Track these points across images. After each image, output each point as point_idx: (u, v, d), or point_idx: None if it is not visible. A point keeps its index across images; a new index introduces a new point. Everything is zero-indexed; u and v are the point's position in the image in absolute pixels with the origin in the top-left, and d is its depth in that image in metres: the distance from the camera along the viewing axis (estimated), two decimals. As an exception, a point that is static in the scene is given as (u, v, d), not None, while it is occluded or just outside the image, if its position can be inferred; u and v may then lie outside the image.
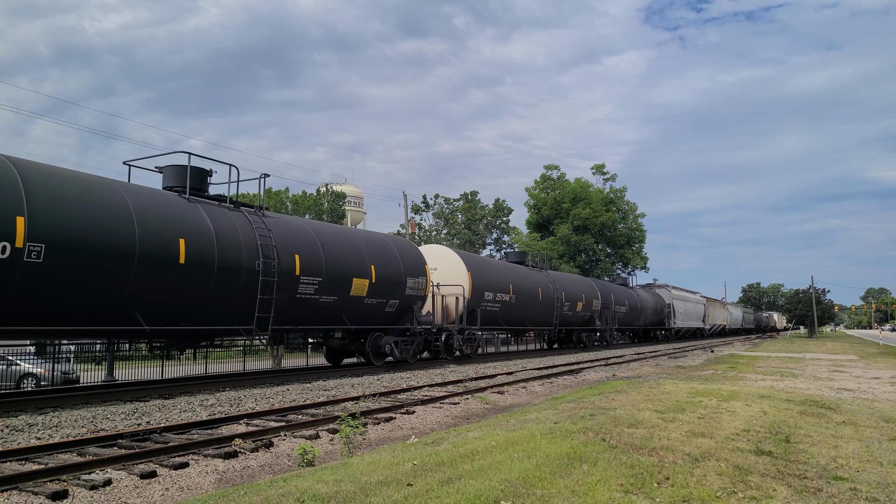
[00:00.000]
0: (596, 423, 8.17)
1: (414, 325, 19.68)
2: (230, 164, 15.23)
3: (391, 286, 18.69)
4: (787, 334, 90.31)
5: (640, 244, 68.29)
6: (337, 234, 18.06)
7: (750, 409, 10.35)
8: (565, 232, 60.87)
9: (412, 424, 10.05)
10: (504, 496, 5.04)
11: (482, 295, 23.75)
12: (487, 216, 62.11)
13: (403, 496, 5.01)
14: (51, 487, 5.87)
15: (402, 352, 19.61)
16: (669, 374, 18.51)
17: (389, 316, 19.12)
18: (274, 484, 5.46)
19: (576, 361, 22.98)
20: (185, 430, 8.66)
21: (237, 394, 12.59)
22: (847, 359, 27.08)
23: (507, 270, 27.21)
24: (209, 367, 21.24)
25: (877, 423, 9.54)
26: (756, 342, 53.41)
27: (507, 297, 25.62)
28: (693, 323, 55.40)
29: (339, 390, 13.39)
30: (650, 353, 30.36)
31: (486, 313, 24.12)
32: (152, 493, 6.04)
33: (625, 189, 68.42)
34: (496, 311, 24.91)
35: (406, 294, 19.32)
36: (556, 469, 5.87)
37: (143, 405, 10.94)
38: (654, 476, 5.85)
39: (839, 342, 52.13)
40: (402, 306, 19.34)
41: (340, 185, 58.23)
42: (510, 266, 28.67)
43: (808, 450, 7.55)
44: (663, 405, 10.34)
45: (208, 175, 15.07)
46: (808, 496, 5.67)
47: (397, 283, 18.96)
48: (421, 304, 20.20)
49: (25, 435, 8.33)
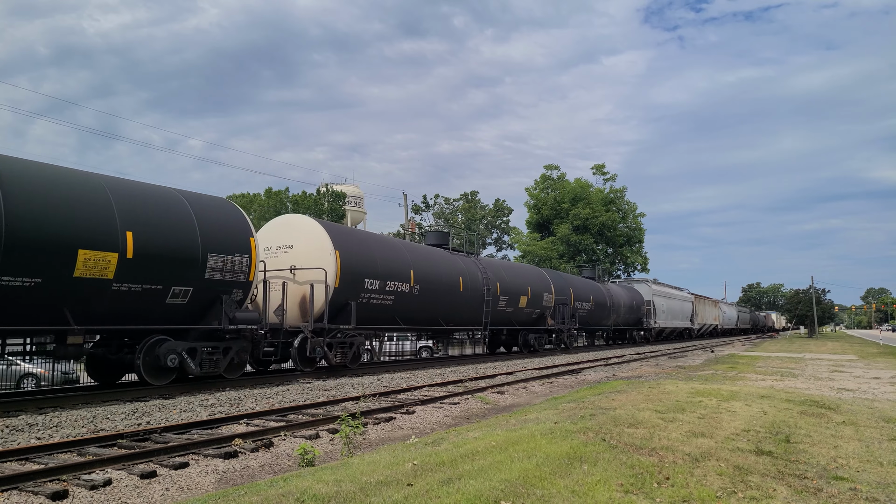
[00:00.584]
0: (596, 423, 8.17)
1: (224, 324, 13.51)
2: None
3: (173, 265, 12.56)
4: (787, 334, 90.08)
5: (640, 244, 68.32)
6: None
7: (750, 409, 10.35)
8: (565, 232, 60.89)
9: (412, 424, 10.05)
10: (504, 496, 5.04)
11: (361, 283, 17.48)
12: (487, 216, 62.13)
13: (403, 496, 5.02)
14: (51, 487, 5.87)
15: (203, 364, 13.44)
16: (669, 374, 18.51)
17: (179, 310, 13.05)
18: (274, 484, 5.46)
19: (576, 361, 22.96)
20: (185, 430, 8.66)
21: (237, 394, 12.59)
22: (847, 359, 27.08)
23: (409, 252, 20.55)
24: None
25: (877, 423, 9.54)
26: (756, 342, 53.40)
27: (404, 286, 19.17)
28: (678, 322, 50.41)
29: (339, 390, 13.40)
30: (650, 353, 30.35)
31: (369, 308, 17.94)
32: (152, 493, 6.04)
33: (625, 189, 68.52)
34: (388, 306, 18.81)
35: (207, 278, 13.21)
36: (556, 469, 5.87)
37: (143, 405, 10.94)
38: (654, 476, 5.85)
39: (839, 342, 52.13)
40: (199, 296, 13.21)
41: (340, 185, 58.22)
42: (413, 247, 22.11)
43: (808, 450, 7.55)
44: (663, 405, 10.35)
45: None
46: (808, 496, 5.67)
47: (186, 262, 12.81)
48: (240, 293, 14.09)
49: (25, 435, 8.33)
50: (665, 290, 48.66)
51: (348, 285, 17.06)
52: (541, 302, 27.87)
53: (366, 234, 21.03)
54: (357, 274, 17.41)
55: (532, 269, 30.44)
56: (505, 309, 25.33)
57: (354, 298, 17.34)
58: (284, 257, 16.98)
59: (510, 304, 25.53)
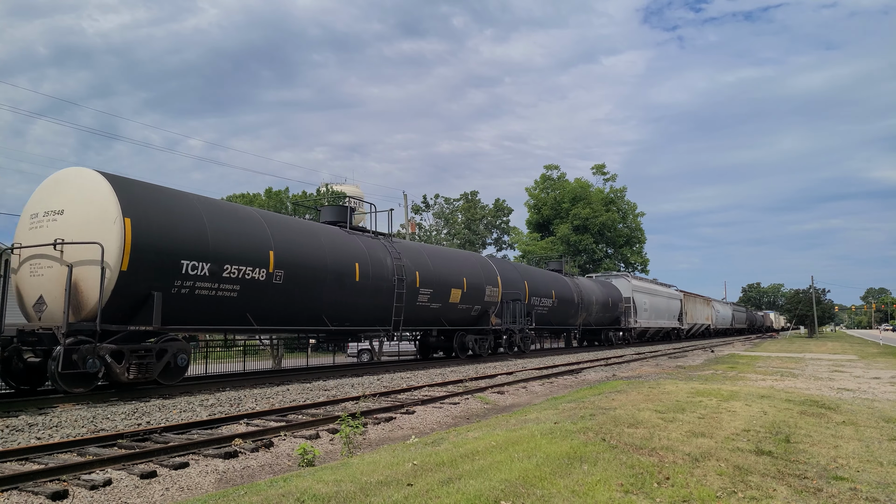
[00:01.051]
0: (596, 423, 8.17)
1: None
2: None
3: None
4: (787, 334, 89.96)
5: (641, 244, 68.34)
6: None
7: (750, 409, 10.35)
8: (565, 232, 60.92)
9: (412, 424, 10.05)
10: (504, 496, 5.04)
11: (175, 266, 12.48)
12: (487, 216, 62.13)
13: (403, 496, 5.01)
14: (51, 487, 5.87)
15: None
16: (669, 374, 18.51)
17: None
18: (274, 484, 5.46)
19: (576, 361, 22.96)
20: (185, 430, 8.66)
21: (237, 394, 12.59)
22: (847, 359, 27.07)
23: (270, 227, 15.17)
24: (209, 368, 21.23)
25: (877, 423, 9.54)
26: (756, 342, 53.36)
27: (259, 273, 14.20)
28: (664, 322, 46.27)
29: (339, 390, 13.39)
30: (650, 352, 30.34)
31: (195, 301, 13.08)
32: (152, 493, 6.04)
33: (625, 189, 68.60)
34: (232, 299, 13.80)
35: None
36: (556, 469, 5.87)
37: (143, 405, 10.94)
38: (654, 476, 5.85)
39: (839, 342, 52.13)
40: None
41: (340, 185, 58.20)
42: (280, 221, 16.12)
43: (808, 450, 7.55)
44: (663, 405, 10.34)
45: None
46: (809, 496, 5.67)
47: None
48: None
49: (25, 435, 8.33)
50: (648, 287, 44.69)
51: (149, 269, 12.08)
52: (482, 296, 23.23)
53: (188, 197, 13.94)
54: (166, 253, 12.36)
55: (471, 257, 24.94)
56: (429, 305, 20.35)
57: (163, 288, 12.36)
58: (52, 227, 12.10)
59: (436, 299, 20.63)
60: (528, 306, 27.01)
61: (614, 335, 39.07)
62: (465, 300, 22.42)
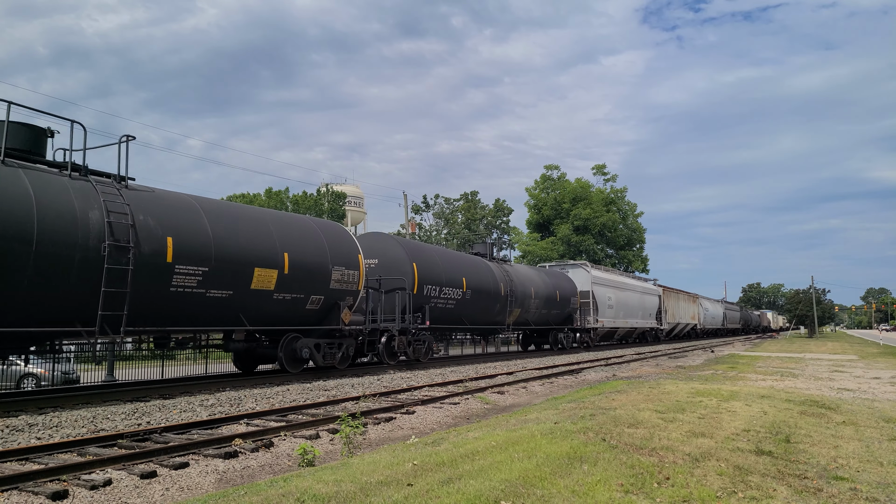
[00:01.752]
0: (596, 423, 8.17)
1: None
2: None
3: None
4: (788, 334, 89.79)
5: (641, 244, 68.33)
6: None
7: (750, 409, 10.35)
8: (566, 232, 60.90)
9: (412, 424, 10.05)
10: (504, 496, 5.04)
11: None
12: (487, 216, 62.15)
13: (404, 496, 5.01)
14: (51, 487, 5.87)
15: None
16: (669, 374, 18.51)
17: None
18: (274, 484, 5.46)
19: (576, 361, 22.97)
20: (185, 430, 8.66)
21: (237, 394, 12.59)
22: (847, 359, 27.08)
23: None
24: (209, 368, 21.23)
25: (877, 423, 9.54)
26: (756, 342, 53.35)
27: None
28: (637, 321, 39.79)
29: (339, 390, 13.39)
30: (650, 353, 30.35)
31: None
32: (152, 493, 6.04)
33: (625, 189, 68.55)
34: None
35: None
36: (556, 469, 5.87)
37: (143, 405, 10.94)
38: (654, 476, 5.85)
39: (839, 342, 52.13)
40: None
41: (340, 185, 58.28)
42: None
43: (808, 450, 7.55)
44: (663, 405, 10.34)
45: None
46: (809, 496, 5.67)
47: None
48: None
49: (25, 435, 8.33)
50: (614, 279, 37.90)
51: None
52: (325, 284, 16.11)
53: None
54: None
55: (306, 223, 17.14)
56: (205, 294, 13.11)
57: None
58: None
59: (223, 285, 13.46)
60: (420, 297, 20.30)
61: (564, 337, 31.15)
62: (283, 288, 14.94)
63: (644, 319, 41.41)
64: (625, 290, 38.48)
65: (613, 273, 40.90)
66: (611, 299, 35.52)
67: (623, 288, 38.25)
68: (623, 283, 39.01)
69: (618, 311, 36.72)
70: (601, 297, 34.18)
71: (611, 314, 35.57)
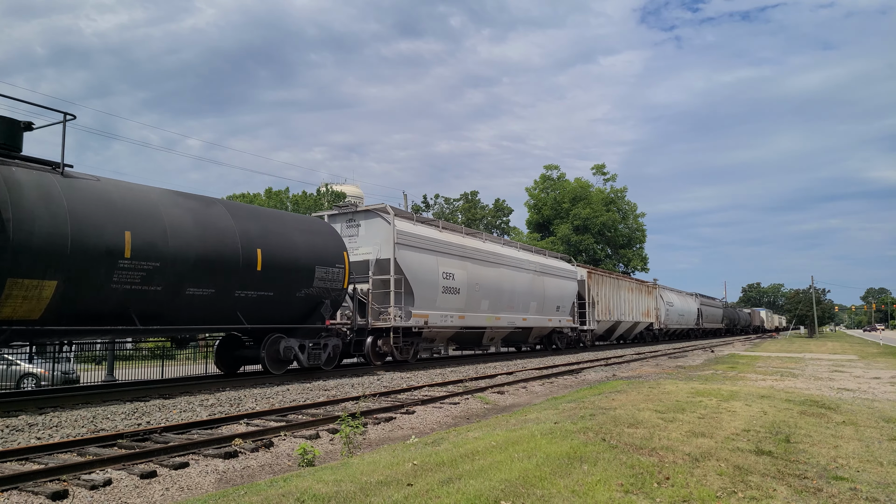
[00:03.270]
0: (596, 423, 8.17)
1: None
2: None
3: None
4: (787, 334, 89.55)
5: (641, 244, 68.35)
6: None
7: (750, 409, 10.35)
8: (565, 232, 60.94)
9: (412, 424, 10.05)
10: (504, 496, 5.04)
11: None
12: (487, 216, 62.16)
13: (403, 496, 5.01)
14: (51, 487, 5.87)
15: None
16: (669, 374, 18.51)
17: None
18: (274, 484, 5.46)
19: (576, 361, 22.97)
20: (185, 430, 8.66)
21: (237, 394, 12.59)
22: (847, 359, 27.08)
23: None
24: (209, 368, 21.24)
25: (877, 423, 9.54)
26: (756, 342, 53.32)
27: None
28: (534, 316, 26.67)
29: (339, 390, 13.39)
30: (650, 352, 30.36)
31: None
32: (152, 493, 6.04)
33: (625, 189, 68.60)
34: None
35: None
36: (556, 469, 5.87)
37: (143, 405, 10.94)
38: (654, 476, 5.85)
39: (839, 342, 52.13)
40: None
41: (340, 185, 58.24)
42: None
43: (808, 450, 7.55)
44: (663, 405, 10.34)
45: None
46: (809, 496, 5.67)
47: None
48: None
49: (25, 435, 8.33)
50: (455, 242, 21.95)
51: None
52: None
53: None
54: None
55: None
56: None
57: None
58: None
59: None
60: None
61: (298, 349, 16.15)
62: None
63: (541, 314, 27.29)
64: (492, 265, 23.65)
65: (457, 234, 23.00)
66: (451, 278, 20.81)
67: (480, 260, 22.99)
68: (481, 253, 23.27)
69: (484, 301, 22.69)
70: (422, 277, 19.69)
71: (457, 305, 21.17)
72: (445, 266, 20.91)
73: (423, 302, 19.65)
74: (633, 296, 39.78)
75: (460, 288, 21.49)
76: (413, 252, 19.37)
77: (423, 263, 19.89)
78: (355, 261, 18.79)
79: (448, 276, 20.95)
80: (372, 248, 19.18)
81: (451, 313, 21.04)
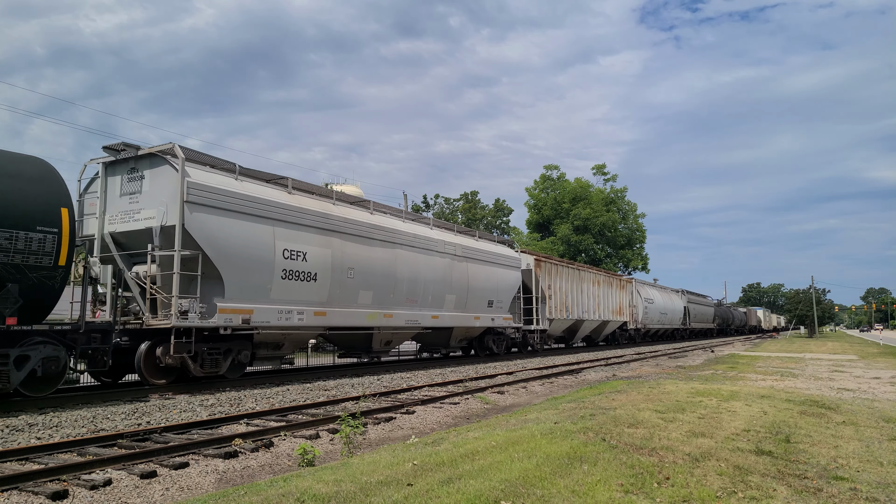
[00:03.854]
0: (596, 423, 8.17)
1: None
2: None
3: None
4: (787, 334, 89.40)
5: (641, 244, 68.34)
6: None
7: (750, 409, 10.35)
8: (566, 232, 60.93)
9: (412, 424, 10.05)
10: (504, 496, 5.04)
11: None
12: (487, 216, 62.15)
13: (404, 496, 5.01)
14: (51, 487, 5.87)
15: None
16: (669, 373, 18.51)
17: None
18: (274, 484, 5.46)
19: (576, 361, 22.97)
20: (185, 430, 8.66)
21: (237, 394, 12.59)
22: (847, 359, 27.08)
23: None
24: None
25: (877, 423, 9.54)
26: (756, 342, 53.30)
27: None
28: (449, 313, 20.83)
29: (339, 390, 13.39)
30: (650, 353, 30.36)
31: None
32: (152, 493, 6.04)
33: (625, 189, 68.55)
34: None
35: None
36: (556, 469, 5.87)
37: (143, 405, 10.94)
38: (654, 476, 5.85)
39: (839, 342, 52.13)
40: None
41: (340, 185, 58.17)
42: None
43: (808, 450, 7.55)
44: (663, 405, 10.35)
45: None
46: (809, 496, 5.67)
47: None
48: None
49: (25, 435, 8.33)
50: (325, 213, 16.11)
51: None
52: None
53: None
54: None
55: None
56: None
57: None
58: None
59: None
60: None
61: None
62: None
63: (463, 311, 21.56)
64: (370, 241, 17.26)
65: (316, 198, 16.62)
66: (299, 258, 15.00)
67: (359, 236, 16.94)
68: (361, 227, 17.08)
69: (340, 287, 16.13)
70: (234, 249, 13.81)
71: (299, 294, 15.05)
72: (289, 241, 14.79)
73: (243, 291, 13.70)
74: (600, 290, 34.25)
75: (317, 273, 15.43)
76: (221, 217, 13.50)
77: (244, 235, 13.80)
78: (136, 229, 13.37)
79: (294, 256, 14.88)
80: (156, 210, 13.14)
81: (301, 308, 15.03)
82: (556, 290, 28.82)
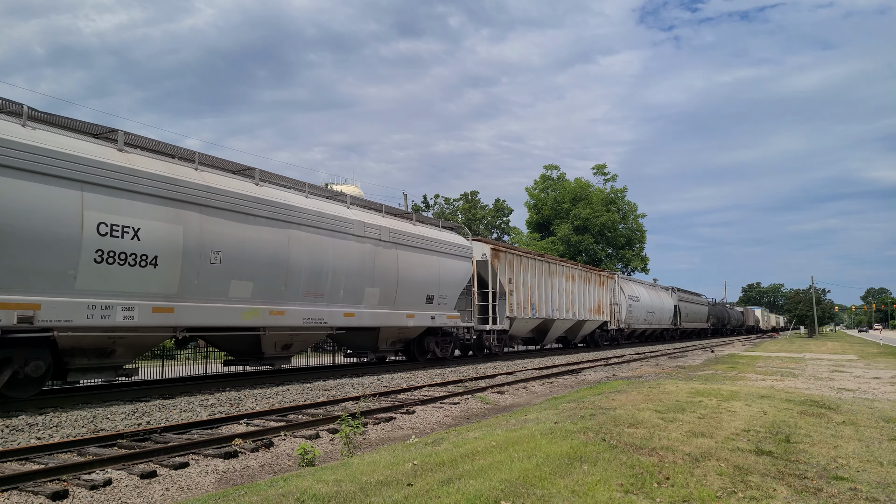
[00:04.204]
0: (596, 423, 8.17)
1: None
2: None
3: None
4: (787, 334, 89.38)
5: (641, 245, 68.34)
6: None
7: (750, 408, 10.35)
8: (565, 232, 60.94)
9: (412, 424, 10.05)
10: (504, 496, 5.04)
11: None
12: (487, 216, 62.14)
13: (404, 496, 5.01)
14: (51, 487, 5.87)
15: None
16: (669, 373, 18.51)
17: None
18: (274, 484, 5.46)
19: (576, 361, 22.98)
20: (185, 430, 8.66)
21: (237, 394, 12.59)
22: (847, 359, 27.07)
23: None
24: (209, 367, 21.24)
25: (877, 423, 9.54)
26: (756, 342, 53.29)
27: None
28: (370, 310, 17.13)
29: (339, 390, 13.39)
30: (650, 353, 30.36)
31: None
32: (152, 493, 6.04)
33: (625, 189, 68.56)
34: None
35: None
36: (556, 469, 5.86)
37: (143, 405, 10.94)
38: (654, 476, 5.85)
39: (839, 342, 52.12)
40: None
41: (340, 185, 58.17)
42: None
43: (808, 450, 7.55)
44: (663, 405, 10.34)
45: None
46: (809, 496, 5.67)
47: None
48: None
49: (25, 435, 8.33)
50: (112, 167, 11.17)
51: None
52: None
53: None
54: None
55: None
56: None
57: None
58: None
59: None
60: None
61: None
62: None
63: (390, 307, 18.18)
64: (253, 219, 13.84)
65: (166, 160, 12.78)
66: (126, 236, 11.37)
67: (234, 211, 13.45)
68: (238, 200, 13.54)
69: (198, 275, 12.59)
70: None
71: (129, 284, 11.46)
72: (110, 212, 11.20)
73: (24, 277, 10.12)
74: (574, 286, 30.58)
75: (158, 256, 11.89)
76: None
77: (28, 200, 10.12)
78: None
79: (116, 232, 11.26)
80: None
81: (130, 302, 11.47)
82: (518, 284, 25.22)
